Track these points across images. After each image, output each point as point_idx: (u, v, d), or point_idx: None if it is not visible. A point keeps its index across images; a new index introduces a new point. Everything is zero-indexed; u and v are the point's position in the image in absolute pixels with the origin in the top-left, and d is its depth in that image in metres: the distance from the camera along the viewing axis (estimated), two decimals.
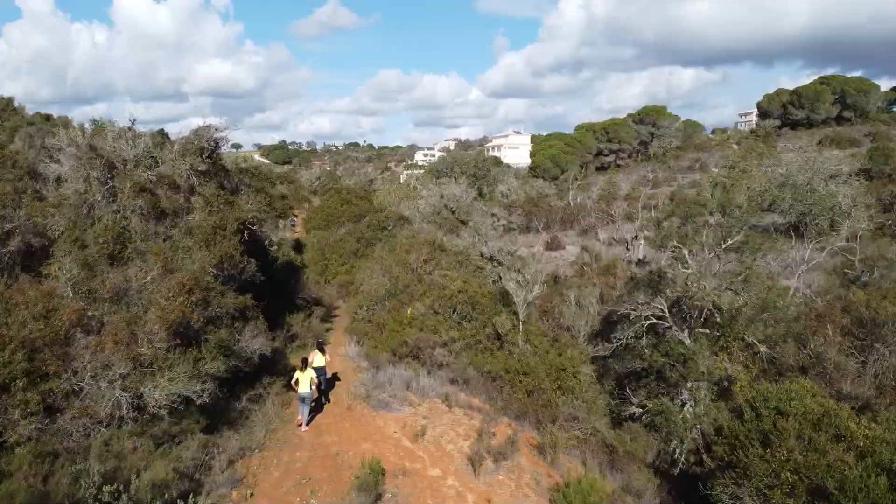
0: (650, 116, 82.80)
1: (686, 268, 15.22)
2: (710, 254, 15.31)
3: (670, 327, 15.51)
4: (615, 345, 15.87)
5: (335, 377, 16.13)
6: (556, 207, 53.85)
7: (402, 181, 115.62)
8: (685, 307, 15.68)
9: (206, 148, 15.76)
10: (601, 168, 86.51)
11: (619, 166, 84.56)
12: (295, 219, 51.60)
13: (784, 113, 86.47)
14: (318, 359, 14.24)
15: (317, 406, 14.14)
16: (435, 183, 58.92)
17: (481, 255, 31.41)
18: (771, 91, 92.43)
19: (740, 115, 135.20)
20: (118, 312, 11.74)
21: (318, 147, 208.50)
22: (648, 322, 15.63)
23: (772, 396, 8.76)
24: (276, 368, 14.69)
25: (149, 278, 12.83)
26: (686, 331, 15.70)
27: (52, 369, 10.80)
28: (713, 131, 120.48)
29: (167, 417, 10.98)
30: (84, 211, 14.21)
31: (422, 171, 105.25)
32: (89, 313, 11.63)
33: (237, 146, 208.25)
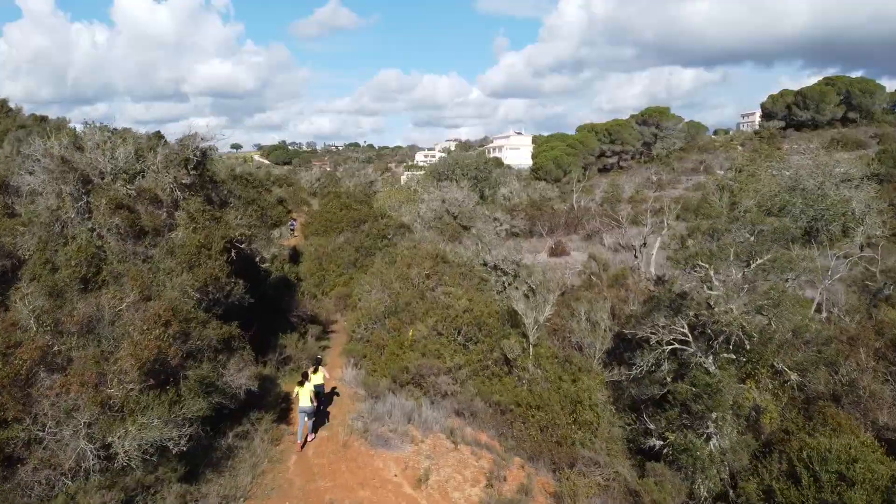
0: (653, 117, 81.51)
1: (711, 288, 13.98)
2: (737, 273, 14.07)
3: (694, 353, 14.28)
4: (634, 372, 14.62)
5: (333, 392, 15.77)
6: (559, 211, 52.49)
7: (402, 182, 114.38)
8: (709, 331, 14.45)
9: (191, 159, 14.48)
10: (604, 169, 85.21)
11: (621, 168, 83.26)
12: (294, 222, 50.34)
13: (789, 114, 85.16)
14: (315, 376, 13.94)
15: (316, 421, 13.55)
16: (436, 186, 57.70)
17: (485, 264, 30.20)
18: (774, 92, 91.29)
19: (742, 116, 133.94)
20: (87, 347, 10.50)
21: (318, 147, 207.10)
22: (670, 347, 14.40)
23: (831, 458, 7.53)
24: (266, 401, 13.43)
25: (124, 305, 11.60)
26: (710, 356, 14.48)
27: (12, 415, 9.57)
28: (715, 132, 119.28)
29: (141, 466, 9.75)
30: (56, 229, 12.97)
31: (422, 173, 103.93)
32: (55, 348, 10.40)
33: (237, 146, 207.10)
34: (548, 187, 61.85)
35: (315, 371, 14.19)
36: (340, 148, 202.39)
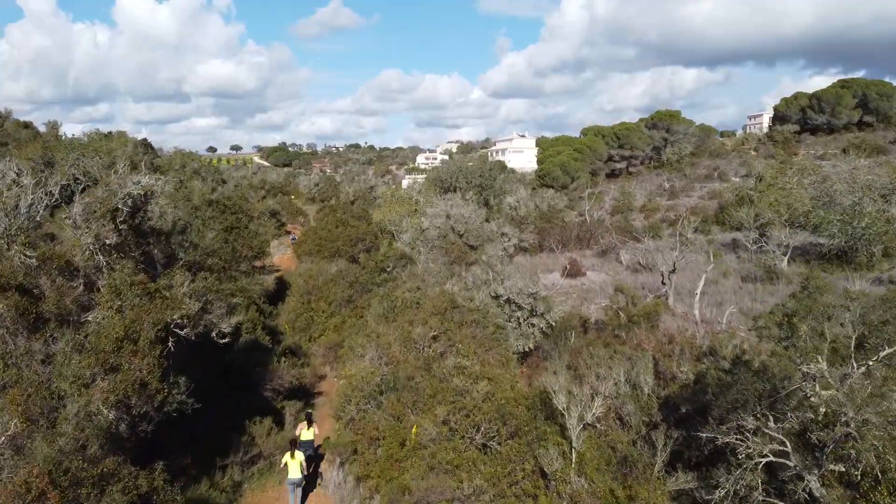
0: (663, 121, 77.59)
1: (823, 384, 10.21)
2: (858, 367, 10.30)
3: (795, 472, 10.51)
4: (717, 496, 10.79)
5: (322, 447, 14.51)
6: (570, 224, 48.49)
7: (404, 186, 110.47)
8: (815, 439, 10.70)
9: (121, 209, 10.65)
10: (612, 175, 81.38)
11: (630, 173, 79.41)
12: (294, 236, 46.48)
13: (803, 117, 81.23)
14: (305, 432, 13.23)
15: (305, 488, 12.44)
16: (439, 197, 53.88)
17: (497, 297, 26.46)
18: (776, 92, 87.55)
19: (749, 118, 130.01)
20: None
21: (319, 149, 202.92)
22: (765, 459, 10.66)
23: None
24: None
25: (2, 440, 7.82)
26: (815, 471, 10.69)
27: None
28: (721, 134, 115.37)
29: None
30: None
31: (424, 177, 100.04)
32: None
33: (237, 147, 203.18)
34: (556, 195, 58.01)
35: (309, 425, 13.45)
36: (341, 149, 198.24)
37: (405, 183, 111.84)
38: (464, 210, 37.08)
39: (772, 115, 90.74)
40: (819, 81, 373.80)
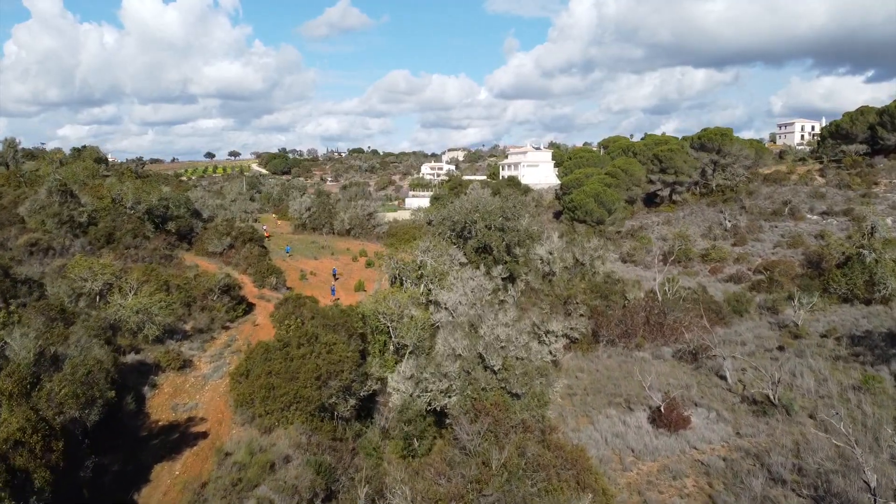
0: (713, 141, 61.83)
1: None
2: None
3: None
4: None
5: None
6: (635, 303, 32.65)
7: (407, 207, 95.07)
8: None
9: None
10: (649, 202, 65.83)
11: (674, 202, 63.75)
12: (336, 270, 31.19)
13: (872, 135, 65.40)
14: None
15: None
16: (452, 249, 38.72)
17: None
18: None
19: (779, 126, 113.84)
20: None
21: (321, 153, 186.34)
22: None
23: None
24: None
25: None
26: None
27: None
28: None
29: None
30: None
31: (430, 196, 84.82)
32: None
33: (235, 154, 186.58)
34: (599, 245, 42.67)
35: None
36: (344, 154, 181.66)
37: (409, 203, 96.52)
38: (500, 327, 21.76)
39: (826, 128, 74.61)
40: (828, 82, 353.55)
